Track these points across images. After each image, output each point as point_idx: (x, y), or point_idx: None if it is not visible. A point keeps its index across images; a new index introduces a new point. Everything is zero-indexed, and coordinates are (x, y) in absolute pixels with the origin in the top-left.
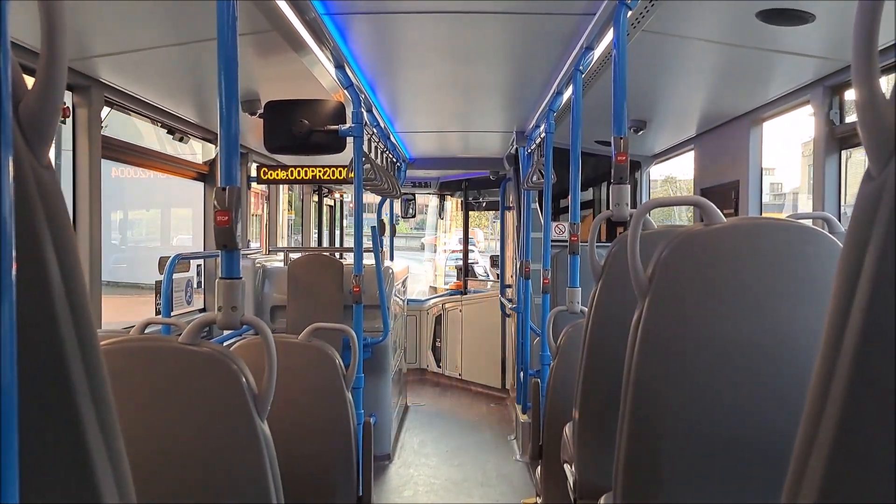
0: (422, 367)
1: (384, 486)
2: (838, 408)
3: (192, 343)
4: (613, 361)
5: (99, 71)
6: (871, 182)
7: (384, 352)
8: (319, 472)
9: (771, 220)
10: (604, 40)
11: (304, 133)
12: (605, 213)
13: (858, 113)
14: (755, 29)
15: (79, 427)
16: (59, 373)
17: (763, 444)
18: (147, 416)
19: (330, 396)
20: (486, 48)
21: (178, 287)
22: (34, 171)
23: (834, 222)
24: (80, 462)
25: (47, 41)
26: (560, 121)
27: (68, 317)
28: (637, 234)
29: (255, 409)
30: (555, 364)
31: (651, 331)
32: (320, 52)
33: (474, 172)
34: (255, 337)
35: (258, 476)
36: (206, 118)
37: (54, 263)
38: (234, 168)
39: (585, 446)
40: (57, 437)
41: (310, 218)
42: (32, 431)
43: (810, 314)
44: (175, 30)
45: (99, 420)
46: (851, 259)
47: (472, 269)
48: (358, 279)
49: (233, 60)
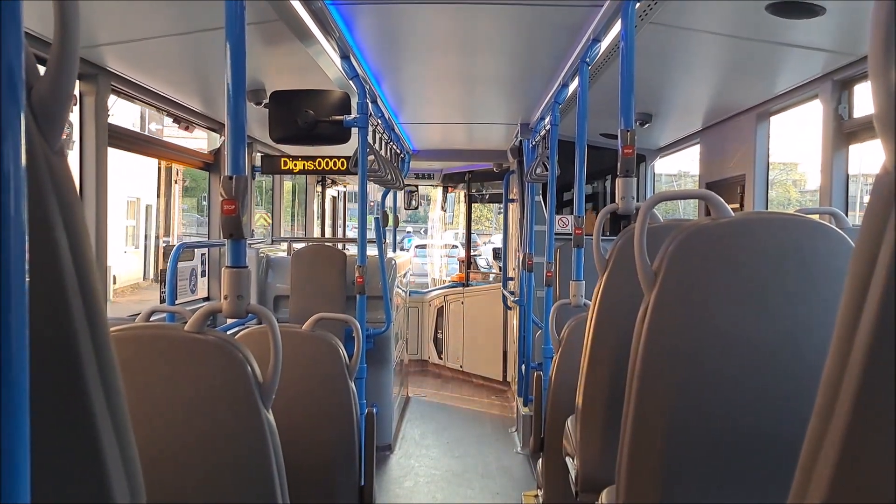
0: (423, 358)
1: (385, 476)
2: (849, 406)
3: (198, 331)
4: (617, 355)
5: (106, 60)
6: (887, 176)
7: (386, 342)
8: (322, 461)
9: (779, 214)
10: (611, 32)
11: (309, 123)
12: (611, 206)
13: (875, 106)
14: (764, 22)
15: (90, 415)
16: (71, 360)
17: (768, 439)
18: (153, 404)
19: (333, 386)
20: (491, 39)
21: (182, 276)
22: (46, 157)
23: (842, 217)
24: (92, 451)
25: (60, 29)
26: (565, 113)
27: (80, 303)
28: (644, 227)
29: (260, 398)
30: (557, 357)
31: (657, 325)
32: (326, 42)
33: (478, 164)
34: (260, 326)
35: (262, 464)
36: (212, 108)
37: (66, 249)
38: (240, 157)
39: (588, 440)
40: (68, 425)
41: (313, 208)
42: (44, 419)
43: (818, 309)
44: (182, 19)
45: (110, 408)
46: (865, 254)
47: (474, 261)
48: (361, 270)
49: (240, 50)
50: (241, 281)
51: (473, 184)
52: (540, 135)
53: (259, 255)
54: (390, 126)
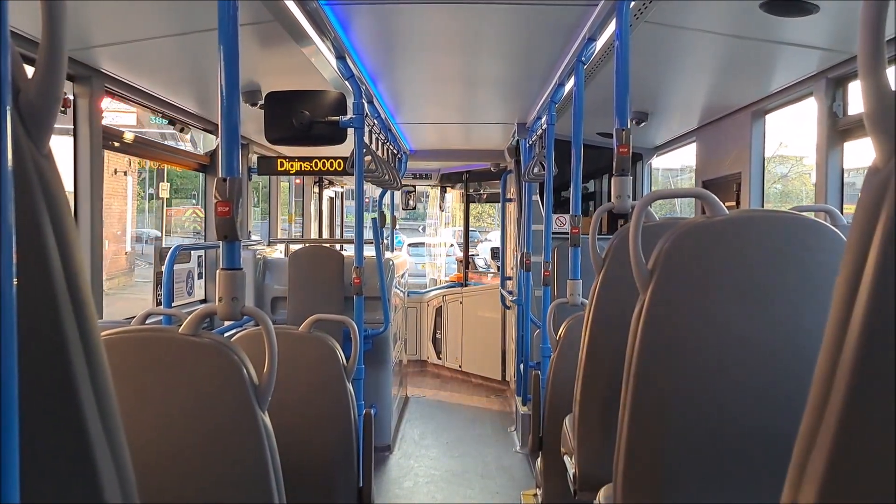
0: (422, 358)
1: (384, 477)
2: (840, 404)
3: (193, 334)
4: (614, 353)
5: (99, 61)
6: (877, 174)
7: (384, 343)
8: (320, 463)
9: (774, 212)
10: (606, 31)
11: (304, 124)
12: (607, 205)
13: (865, 104)
14: (759, 20)
15: (80, 417)
16: (61, 363)
17: (765, 436)
18: (148, 407)
19: (331, 387)
20: (487, 39)
21: (178, 278)
22: (34, 160)
23: (836, 215)
24: (81, 452)
25: (48, 30)
26: (561, 112)
27: (69, 306)
28: (639, 225)
29: (255, 400)
30: (555, 356)
31: (652, 323)
32: (321, 42)
33: (475, 164)
34: (256, 328)
35: (259, 467)
36: (207, 109)
37: (55, 252)
38: (235, 159)
39: (586, 438)
40: (58, 426)
41: (310, 209)
42: (34, 421)
43: (813, 307)
44: (176, 20)
45: (100, 410)
46: (856, 252)
47: (472, 260)
48: (359, 271)
49: (234, 51)
50: (235, 283)
51: (471, 183)
52: (537, 134)
53: (256, 257)
54: (387, 126)
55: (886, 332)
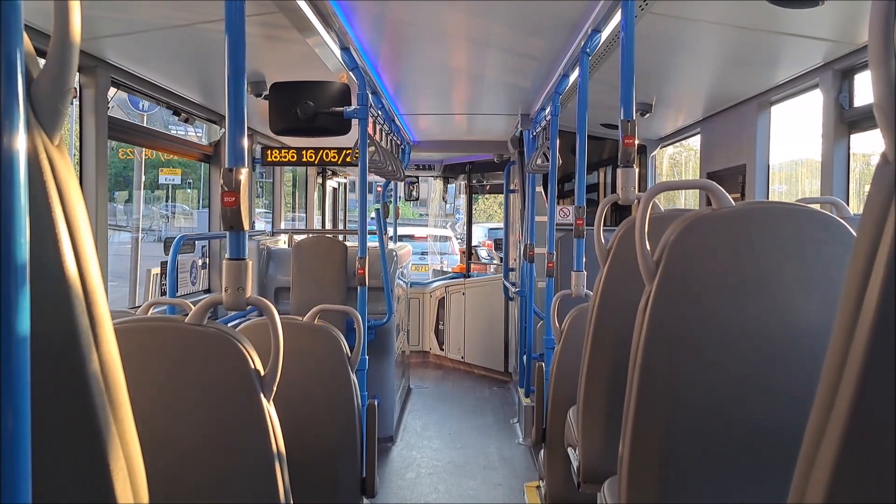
0: (424, 349)
1: (387, 467)
2: (849, 399)
3: (199, 323)
4: (619, 345)
5: (106, 52)
6: (888, 165)
7: (387, 334)
8: (324, 453)
9: (780, 204)
10: (611, 22)
11: (309, 115)
12: (612, 196)
13: (875, 95)
14: (764, 11)
15: (90, 406)
16: (72, 353)
17: (769, 429)
18: (154, 396)
19: (335, 378)
20: (492, 30)
21: (183, 268)
22: (46, 150)
23: (843, 207)
24: (91, 439)
25: (60, 22)
26: (565, 104)
27: (80, 295)
28: (645, 217)
29: (261, 389)
30: (559, 348)
31: (659, 315)
32: (326, 33)
33: (478, 155)
34: (261, 318)
35: (264, 455)
36: (212, 99)
37: (67, 242)
38: (240, 149)
39: (590, 431)
40: (69, 416)
41: (314, 199)
42: (45, 411)
43: (820, 299)
44: (182, 10)
45: (110, 398)
46: (866, 243)
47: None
48: (362, 261)
49: (240, 41)
50: (241, 273)
51: (474, 174)
52: (541, 125)
53: (260, 247)
54: (390, 117)
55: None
